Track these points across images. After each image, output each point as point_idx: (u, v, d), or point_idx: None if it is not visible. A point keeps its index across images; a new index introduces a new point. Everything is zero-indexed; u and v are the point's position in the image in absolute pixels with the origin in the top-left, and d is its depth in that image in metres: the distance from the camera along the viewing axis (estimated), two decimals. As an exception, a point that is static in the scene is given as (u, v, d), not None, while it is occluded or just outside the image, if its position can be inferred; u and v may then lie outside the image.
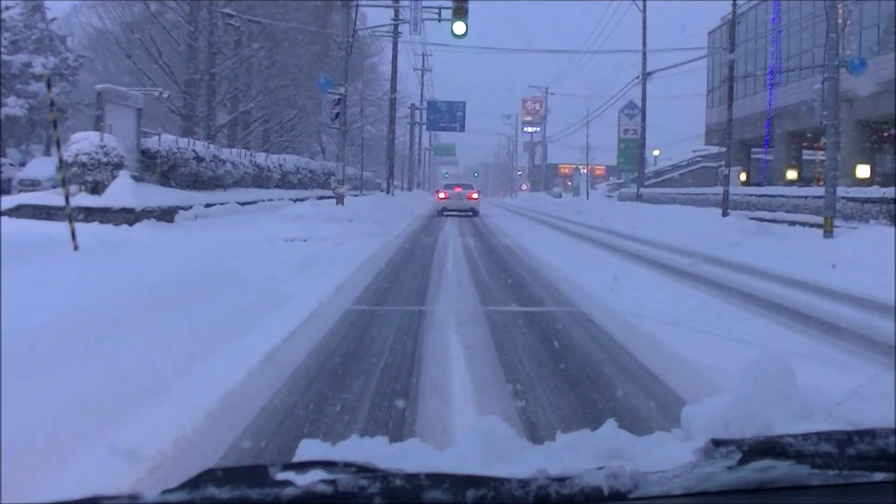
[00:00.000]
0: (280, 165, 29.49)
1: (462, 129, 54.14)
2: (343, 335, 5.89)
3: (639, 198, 34.29)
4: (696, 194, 32.08)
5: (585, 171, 62.77)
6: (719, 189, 29.37)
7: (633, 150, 52.40)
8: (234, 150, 25.20)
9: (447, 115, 53.49)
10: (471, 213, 28.71)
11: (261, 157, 27.59)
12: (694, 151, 52.24)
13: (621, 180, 52.26)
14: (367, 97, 45.60)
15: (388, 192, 35.43)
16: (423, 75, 61.41)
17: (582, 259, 12.48)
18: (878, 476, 1.06)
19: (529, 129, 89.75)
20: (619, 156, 52.85)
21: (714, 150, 50.89)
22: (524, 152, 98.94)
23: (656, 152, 43.25)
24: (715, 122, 40.01)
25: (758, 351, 2.65)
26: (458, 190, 30.68)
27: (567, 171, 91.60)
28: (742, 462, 1.05)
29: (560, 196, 63.51)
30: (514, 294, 8.41)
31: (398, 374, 4.69)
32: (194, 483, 0.99)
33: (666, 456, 1.16)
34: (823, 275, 9.62)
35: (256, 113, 34.98)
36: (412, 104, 56.19)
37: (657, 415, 3.88)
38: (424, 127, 60.48)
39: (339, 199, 19.69)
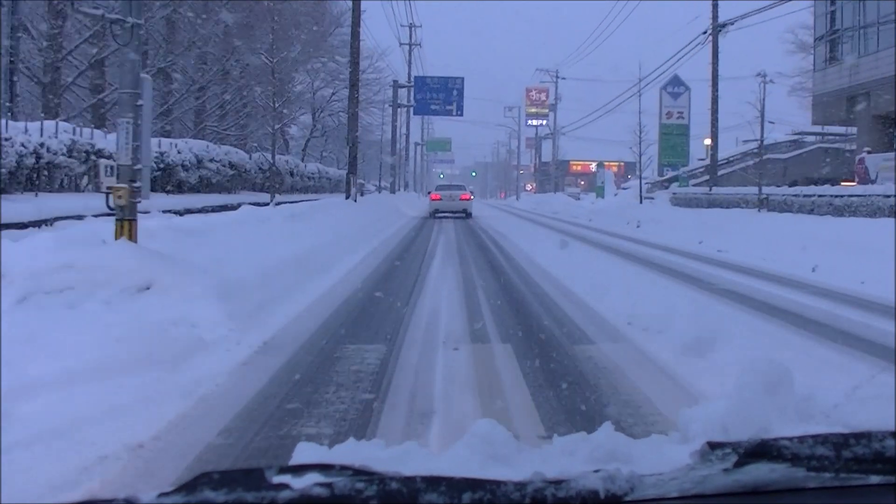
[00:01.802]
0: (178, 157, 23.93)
1: (460, 111, 52.75)
2: None
3: (761, 203, 27.77)
4: (836, 196, 24.65)
5: (613, 168, 62.97)
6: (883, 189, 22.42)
7: (678, 139, 52.29)
8: (31, 125, 17.81)
9: (441, 96, 52.15)
10: (463, 215, 34.70)
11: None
12: (745, 142, 52.65)
13: (666, 177, 52.30)
14: (340, 78, 45.46)
15: (349, 197, 29.45)
16: (410, 34, 59.90)
17: None
18: (875, 479, 1.34)
19: (535, 122, 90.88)
20: (662, 147, 52.79)
21: (781, 138, 50.74)
22: (527, 149, 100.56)
23: (707, 141, 43.27)
24: (833, 89, 35.03)
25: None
26: (451, 191, 37.43)
27: (579, 168, 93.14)
28: (738, 465, 1.33)
29: (579, 198, 63.69)
30: None
31: None
32: (190, 486, 1.26)
33: (663, 458, 1.46)
34: None
35: (191, 93, 33.86)
36: (395, 80, 53.54)
37: None
38: (412, 111, 58.86)
39: (125, 225, 8.52)
